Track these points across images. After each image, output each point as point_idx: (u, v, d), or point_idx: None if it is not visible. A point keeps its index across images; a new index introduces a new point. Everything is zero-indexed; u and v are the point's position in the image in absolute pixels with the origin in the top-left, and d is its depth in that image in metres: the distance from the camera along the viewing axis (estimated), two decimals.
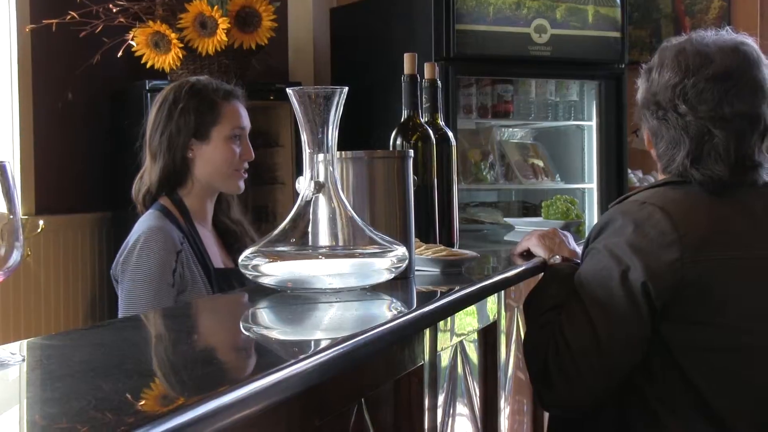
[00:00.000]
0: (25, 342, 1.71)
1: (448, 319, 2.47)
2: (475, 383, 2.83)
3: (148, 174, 3.56)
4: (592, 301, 2.55)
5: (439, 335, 2.40)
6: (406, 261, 2.30)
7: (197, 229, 3.52)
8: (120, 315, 3.41)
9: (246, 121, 3.62)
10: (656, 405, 2.55)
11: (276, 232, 2.28)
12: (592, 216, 5.47)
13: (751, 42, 2.71)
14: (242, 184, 3.60)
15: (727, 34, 2.71)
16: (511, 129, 5.98)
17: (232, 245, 3.56)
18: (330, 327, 2.09)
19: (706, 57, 2.64)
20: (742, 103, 2.62)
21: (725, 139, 2.61)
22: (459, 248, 2.91)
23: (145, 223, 3.46)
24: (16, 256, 1.49)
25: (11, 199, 1.47)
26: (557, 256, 2.82)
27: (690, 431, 2.53)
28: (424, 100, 2.99)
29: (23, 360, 1.55)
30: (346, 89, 2.28)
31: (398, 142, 2.93)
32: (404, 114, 2.95)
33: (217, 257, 3.55)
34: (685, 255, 2.52)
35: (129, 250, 3.41)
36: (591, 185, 5.72)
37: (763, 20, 5.77)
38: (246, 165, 3.60)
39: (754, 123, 2.63)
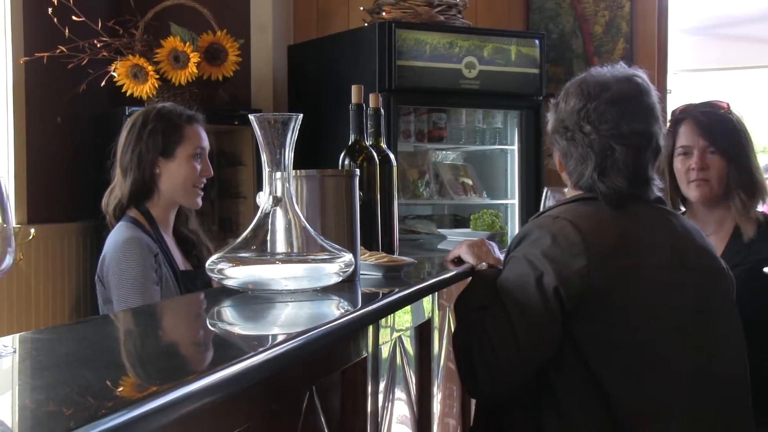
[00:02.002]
0: (17, 335, 1.69)
1: (389, 316, 2.47)
2: (411, 372, 2.83)
3: (119, 188, 3.56)
4: (512, 303, 2.56)
5: (381, 331, 2.41)
6: (352, 266, 2.30)
7: (161, 236, 3.52)
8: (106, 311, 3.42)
9: (206, 142, 3.63)
10: (563, 395, 2.56)
11: (239, 240, 2.28)
12: (513, 228, 5.48)
13: (642, 74, 2.76)
14: (200, 201, 3.62)
15: (621, 68, 2.76)
16: (444, 152, 5.98)
17: (190, 252, 3.57)
18: (285, 323, 2.08)
19: (605, 84, 2.69)
20: (638, 123, 2.66)
21: (624, 154, 2.64)
22: (398, 255, 2.91)
23: (119, 234, 3.46)
24: (8, 260, 1.48)
25: (4, 210, 1.46)
26: (484, 263, 2.82)
27: (591, 420, 2.54)
28: (368, 126, 2.99)
29: (15, 351, 1.54)
30: (300, 116, 2.28)
31: (346, 162, 2.93)
32: (351, 138, 2.95)
33: (180, 261, 3.54)
34: (591, 263, 2.53)
35: (111, 261, 3.41)
36: (513, 201, 5.73)
37: (659, 59, 5.82)
38: (204, 181, 3.61)
39: (648, 140, 2.68)
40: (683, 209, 3.42)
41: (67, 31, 4.93)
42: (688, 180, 3.31)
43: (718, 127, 3.33)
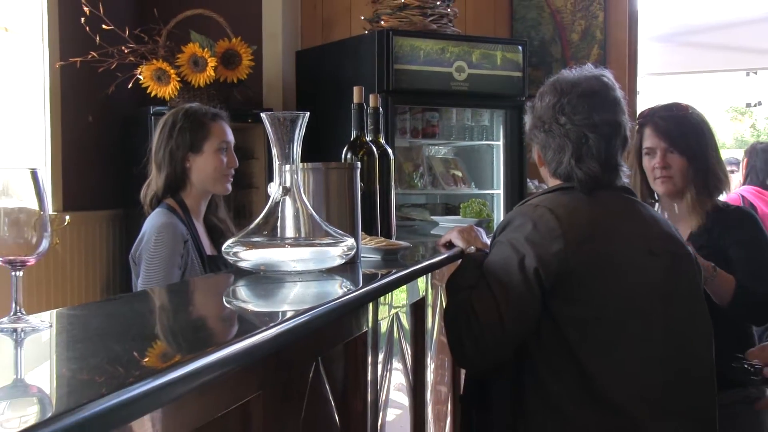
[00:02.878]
0: (53, 311, 1.69)
1: (387, 295, 2.47)
2: (407, 345, 2.83)
3: (155, 182, 3.57)
4: (497, 283, 2.56)
5: (380, 307, 2.40)
6: (354, 250, 2.31)
7: (193, 223, 3.53)
8: (138, 288, 3.43)
9: (230, 137, 3.62)
10: (542, 366, 2.56)
11: (251, 226, 2.29)
12: (499, 215, 5.46)
13: (608, 73, 2.78)
14: (229, 186, 3.62)
15: (589, 68, 2.78)
16: (436, 147, 5.96)
17: (218, 239, 3.56)
18: (294, 301, 2.08)
19: (576, 81, 2.70)
20: (607, 113, 2.67)
21: (597, 141, 2.65)
22: (396, 240, 2.91)
23: (157, 218, 3.47)
24: (45, 244, 1.48)
25: (41, 199, 1.47)
26: (472, 247, 2.82)
27: (567, 388, 2.54)
28: (368, 123, 2.98)
29: (51, 326, 1.54)
30: (307, 114, 2.29)
31: (348, 156, 2.92)
32: (353, 134, 2.94)
33: (207, 246, 3.54)
34: (568, 247, 2.53)
35: (147, 240, 3.43)
36: (498, 191, 5.71)
37: (630, 64, 5.82)
38: (232, 171, 3.61)
39: (616, 129, 2.68)
40: (656, 200, 3.42)
41: (97, 38, 4.93)
42: (654, 177, 3.33)
43: (676, 129, 3.34)
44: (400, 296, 2.67)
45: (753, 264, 3.22)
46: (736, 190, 5.87)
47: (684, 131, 3.34)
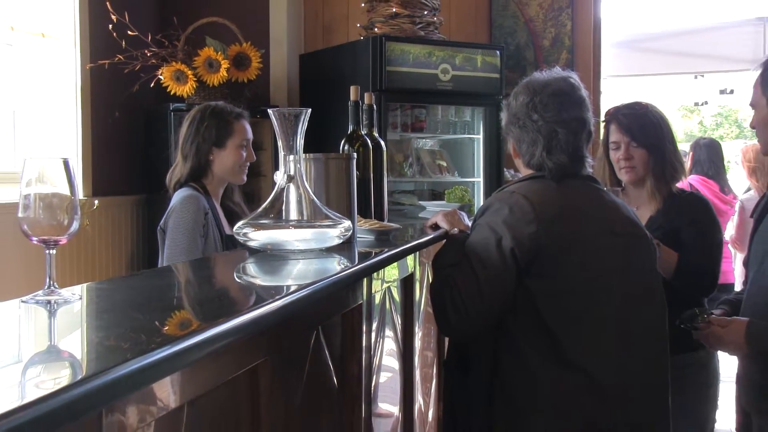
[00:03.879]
0: (83, 285, 1.68)
1: (380, 271, 2.46)
2: (397, 315, 2.83)
3: (179, 169, 3.58)
4: (477, 261, 2.56)
5: (373, 282, 2.40)
6: (351, 231, 2.30)
7: (214, 205, 3.55)
8: (165, 256, 3.46)
9: (250, 134, 3.64)
10: (517, 334, 2.56)
11: (259, 210, 2.29)
12: (479, 200, 5.46)
13: (575, 76, 2.77)
14: (245, 177, 3.65)
15: (557, 71, 2.77)
16: (424, 140, 5.95)
17: (234, 221, 3.56)
18: (297, 276, 2.07)
19: (546, 82, 2.70)
20: (574, 111, 2.68)
21: (566, 136, 2.65)
22: (387, 222, 2.90)
23: (183, 193, 3.50)
24: (75, 225, 1.47)
25: (72, 185, 1.46)
26: (455, 229, 2.81)
27: (539, 354, 2.54)
28: (363, 118, 2.97)
29: (81, 298, 1.53)
30: (309, 110, 2.28)
31: (346, 147, 2.91)
32: (350, 128, 2.93)
33: (225, 226, 3.55)
34: (540, 228, 2.53)
35: (174, 210, 3.46)
36: (479, 179, 5.70)
37: (594, 67, 5.81)
38: (248, 164, 3.64)
39: (582, 124, 2.69)
40: (622, 187, 3.43)
41: (123, 43, 4.94)
42: (620, 167, 3.34)
43: (637, 125, 3.37)
44: (391, 272, 2.67)
45: (699, 242, 3.25)
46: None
47: (644, 127, 3.36)
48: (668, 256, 3.16)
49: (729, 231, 5.76)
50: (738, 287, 5.43)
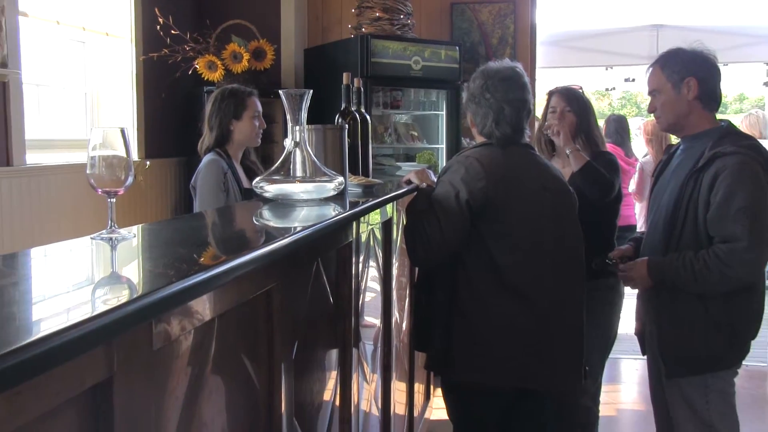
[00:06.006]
0: (138, 226, 1.67)
1: (366, 216, 2.46)
2: (379, 250, 2.83)
3: (207, 138, 3.55)
4: (440, 208, 2.56)
5: (361, 225, 2.40)
6: (343, 185, 2.30)
7: (234, 165, 3.51)
8: (196, 207, 3.45)
9: (260, 107, 3.61)
10: (470, 264, 2.58)
11: (272, 169, 2.28)
12: (442, 162, 5.44)
13: (520, 66, 2.76)
14: (259, 141, 3.63)
15: (507, 62, 2.76)
16: (400, 115, 5.91)
17: (251, 177, 3.55)
18: (302, 219, 2.06)
19: (497, 70, 2.69)
20: (518, 93, 2.67)
21: (510, 112, 2.65)
22: (372, 178, 2.89)
23: (207, 159, 3.48)
24: (130, 180, 1.46)
25: (128, 149, 1.45)
26: (424, 183, 2.81)
27: (487, 279, 2.56)
28: (353, 98, 2.94)
29: (135, 236, 1.52)
30: (311, 91, 2.28)
31: (339, 120, 2.88)
32: (342, 106, 2.90)
33: (245, 181, 3.52)
34: (488, 184, 2.53)
35: (200, 173, 3.44)
36: (442, 146, 5.67)
37: (531, 60, 5.78)
38: (261, 131, 3.61)
39: (524, 104, 2.68)
40: (555, 153, 3.43)
41: (168, 39, 4.90)
42: (553, 132, 3.33)
43: (572, 96, 3.41)
44: (374, 217, 2.67)
45: (601, 167, 3.24)
46: None
47: (576, 99, 3.40)
48: (580, 158, 3.21)
49: (631, 186, 5.78)
50: (639, 228, 5.48)
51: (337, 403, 2.19)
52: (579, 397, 3.33)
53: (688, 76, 2.67)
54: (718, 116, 2.78)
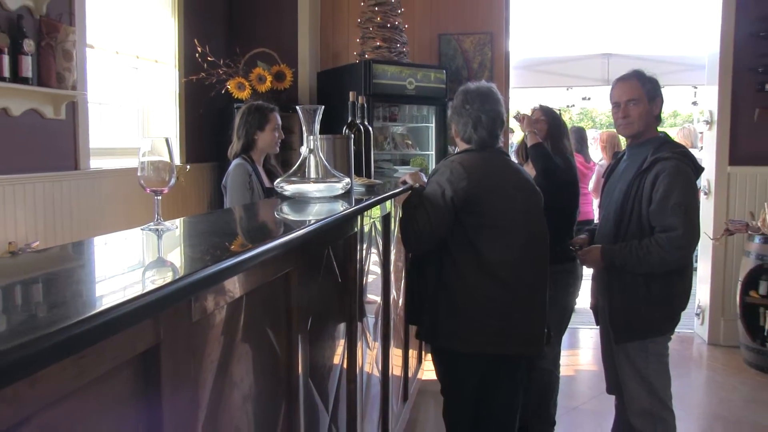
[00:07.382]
0: (179, 219, 1.67)
1: (368, 211, 2.46)
2: (379, 240, 2.83)
3: (234, 146, 3.54)
4: (429, 204, 2.55)
5: (365, 218, 2.40)
6: (350, 185, 2.30)
7: (257, 168, 3.49)
8: (226, 204, 3.42)
9: (280, 121, 3.59)
10: (454, 251, 2.57)
11: (290, 172, 2.27)
12: (432, 165, 5.44)
13: (494, 86, 2.75)
14: (278, 149, 3.60)
15: (483, 83, 2.75)
16: (396, 127, 5.90)
17: (272, 179, 3.54)
18: (315, 214, 2.05)
19: (476, 89, 2.69)
20: (493, 105, 2.66)
21: (486, 121, 2.65)
22: (373, 179, 2.89)
23: (234, 163, 3.46)
24: (173, 181, 1.45)
25: (171, 154, 1.44)
26: (417, 184, 2.80)
27: (469, 264, 2.55)
28: (358, 113, 2.94)
29: (177, 228, 1.52)
30: (323, 107, 2.26)
31: (346, 131, 2.88)
32: (349, 119, 2.90)
33: (266, 181, 3.51)
34: (470, 184, 2.52)
35: (229, 174, 3.42)
36: (432, 152, 5.65)
37: (506, 82, 5.76)
38: (280, 141, 3.59)
39: (498, 115, 2.67)
40: (527, 159, 3.42)
41: (205, 65, 4.90)
42: (519, 118, 3.37)
43: (549, 111, 3.43)
44: (376, 212, 2.67)
45: (557, 157, 3.27)
46: None
47: (551, 114, 3.44)
48: (536, 140, 3.24)
49: (590, 186, 5.79)
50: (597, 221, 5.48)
51: (345, 366, 2.20)
52: (540, 360, 3.34)
53: (657, 97, 2.71)
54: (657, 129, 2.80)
